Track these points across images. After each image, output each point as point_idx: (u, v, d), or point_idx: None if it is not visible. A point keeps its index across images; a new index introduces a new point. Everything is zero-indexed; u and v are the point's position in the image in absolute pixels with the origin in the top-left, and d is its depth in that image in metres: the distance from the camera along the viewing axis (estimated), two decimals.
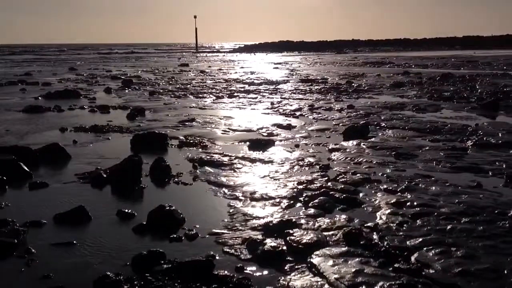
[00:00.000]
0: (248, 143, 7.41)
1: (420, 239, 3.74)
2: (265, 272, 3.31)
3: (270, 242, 3.69)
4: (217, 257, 3.50)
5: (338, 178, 5.46)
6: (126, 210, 4.42)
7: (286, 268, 3.36)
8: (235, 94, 14.51)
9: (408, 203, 4.56)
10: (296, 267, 3.37)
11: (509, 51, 48.57)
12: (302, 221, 4.17)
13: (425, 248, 3.58)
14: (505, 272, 3.21)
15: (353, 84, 16.97)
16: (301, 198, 4.80)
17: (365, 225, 4.07)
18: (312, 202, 4.65)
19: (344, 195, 4.82)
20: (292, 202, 4.71)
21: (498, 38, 71.36)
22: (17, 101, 13.22)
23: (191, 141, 7.64)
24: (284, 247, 3.64)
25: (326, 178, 5.47)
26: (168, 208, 4.20)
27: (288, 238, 3.77)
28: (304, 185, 5.20)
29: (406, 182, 5.22)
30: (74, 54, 67.32)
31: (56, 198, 4.91)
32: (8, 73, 25.56)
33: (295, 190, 5.05)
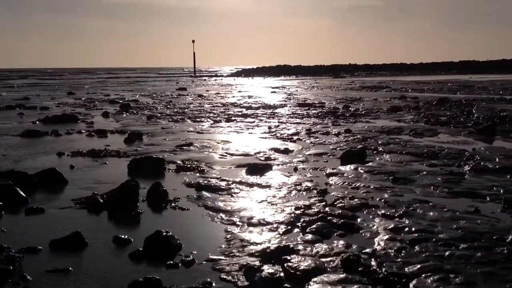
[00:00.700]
0: (245, 167, 7.41)
1: (419, 266, 3.71)
2: None
3: (267, 269, 3.66)
4: (214, 284, 3.48)
5: (335, 203, 5.45)
6: (123, 236, 4.39)
7: None
8: (233, 118, 14.55)
9: (406, 229, 4.54)
10: None
11: (505, 76, 48.90)
12: (300, 247, 4.14)
13: (423, 275, 3.55)
14: None
15: (350, 108, 17.04)
16: (299, 224, 4.78)
17: (363, 251, 4.05)
18: (309, 228, 4.63)
19: (342, 221, 4.80)
20: (289, 227, 4.69)
21: (494, 63, 71.95)
22: (14, 126, 13.23)
23: (189, 166, 7.63)
24: (282, 274, 3.61)
25: (324, 203, 5.45)
26: (165, 234, 4.17)
27: (285, 264, 3.74)
28: (301, 210, 5.18)
29: (404, 207, 5.21)
30: (73, 78, 67.57)
31: (52, 224, 4.88)
32: (6, 97, 25.62)
33: (293, 215, 5.03)
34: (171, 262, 3.86)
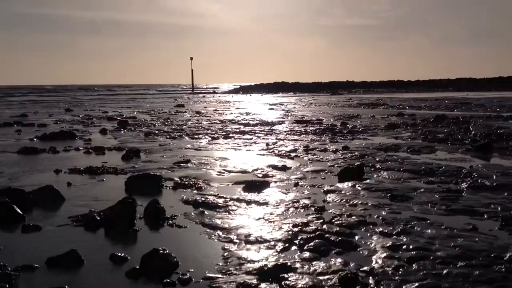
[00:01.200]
0: (243, 184, 7.40)
1: (417, 284, 3.70)
2: None
3: (264, 287, 3.64)
4: None
5: (333, 220, 5.44)
6: (119, 254, 4.37)
7: None
8: (231, 135, 14.56)
9: (404, 247, 4.53)
10: None
11: (502, 93, 49.16)
12: (297, 265, 4.13)
13: None
14: None
15: (347, 125, 17.09)
16: (296, 241, 4.77)
17: (361, 269, 4.03)
18: (307, 245, 4.61)
19: (339, 238, 4.79)
20: (287, 245, 4.68)
21: (491, 80, 72.33)
22: (12, 143, 13.22)
23: (186, 183, 7.62)
24: None
25: (322, 220, 5.44)
26: (161, 251, 4.16)
27: (283, 282, 3.73)
28: (299, 227, 5.17)
29: (402, 225, 5.20)
30: (71, 95, 67.70)
31: (49, 241, 4.86)
32: (4, 114, 25.64)
33: (290, 232, 5.02)
34: (168, 280, 3.84)
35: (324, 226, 5.18)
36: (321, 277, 3.87)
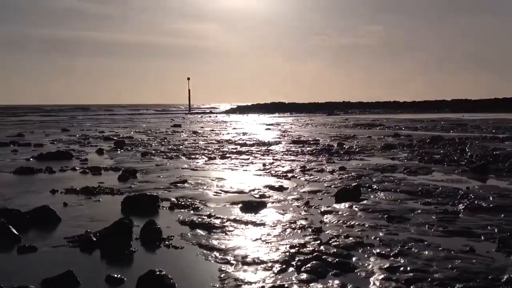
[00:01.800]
0: (240, 205, 7.39)
1: None
2: None
3: None
4: None
5: (330, 241, 5.43)
6: (115, 275, 4.34)
7: None
8: (227, 155, 14.57)
9: (402, 268, 4.52)
10: None
11: (497, 115, 49.40)
12: (295, 286, 4.11)
13: None
14: None
15: (344, 146, 17.12)
16: (294, 262, 4.75)
17: None
18: (304, 267, 4.60)
19: (337, 260, 4.77)
20: (284, 266, 4.66)
21: (486, 101, 72.73)
22: (8, 163, 13.18)
23: (183, 203, 7.61)
24: None
25: (319, 241, 5.43)
26: (158, 273, 4.13)
27: None
28: (296, 248, 5.15)
29: (399, 246, 5.19)
30: (68, 115, 67.76)
31: (45, 262, 4.84)
32: (0, 134, 25.61)
33: (287, 254, 5.00)
34: None
35: (322, 247, 5.16)
36: None
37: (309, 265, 4.62)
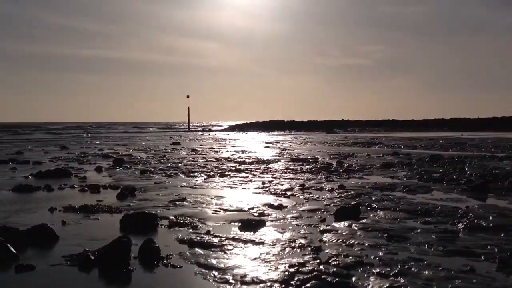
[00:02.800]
0: (239, 223, 7.37)
1: None
2: None
3: None
4: None
5: (330, 261, 5.40)
6: None
7: None
8: (226, 173, 14.55)
9: None
10: None
11: (496, 133, 49.50)
12: None
13: None
14: None
15: (343, 164, 17.11)
16: (293, 282, 4.72)
17: None
18: (304, 286, 4.57)
19: (336, 279, 4.75)
20: (283, 286, 4.63)
21: (485, 120, 72.90)
22: (6, 180, 13.15)
23: (182, 221, 7.58)
24: None
25: (318, 260, 5.40)
26: None
27: None
28: (295, 268, 5.13)
29: (399, 266, 5.17)
30: (67, 133, 67.83)
31: (43, 282, 4.81)
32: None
33: (287, 273, 4.97)
34: None
35: (321, 267, 5.14)
36: None
37: (308, 284, 4.60)
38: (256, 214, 8.20)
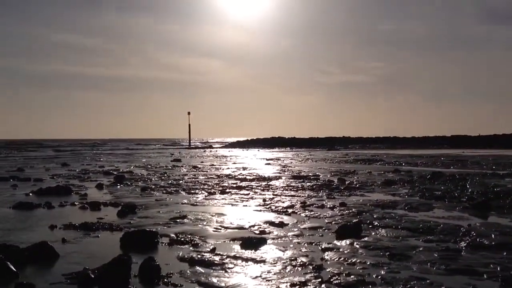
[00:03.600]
0: (240, 241, 7.34)
1: None
2: None
3: None
4: None
5: (331, 279, 5.36)
6: None
7: None
8: (227, 190, 14.53)
9: None
10: None
11: (497, 151, 49.50)
12: None
13: None
14: None
15: (344, 181, 17.07)
16: None
17: None
18: None
19: None
20: None
21: (486, 137, 72.88)
22: (7, 198, 13.13)
23: (182, 239, 7.55)
24: None
25: (320, 279, 5.37)
26: None
27: None
28: (297, 287, 5.10)
29: (401, 285, 5.13)
30: (68, 150, 67.89)
31: None
32: (0, 169, 25.59)
33: None
34: None
35: (323, 286, 5.11)
36: None
37: None
38: (257, 232, 8.17)
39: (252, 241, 7.26)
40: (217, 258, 6.34)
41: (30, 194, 13.90)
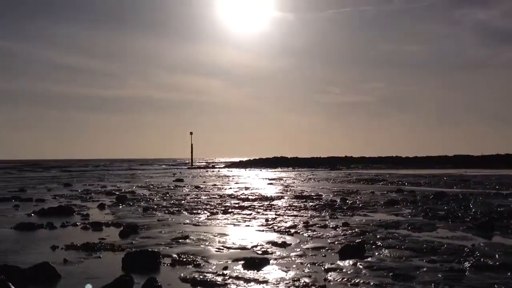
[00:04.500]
0: (242, 261, 7.29)
1: None
2: None
3: None
4: None
5: None
6: None
7: None
8: (230, 210, 14.48)
9: None
10: None
11: (499, 171, 49.36)
12: None
13: None
14: None
15: (347, 201, 17.02)
16: None
17: None
18: None
19: None
20: None
21: (488, 157, 72.76)
22: (9, 218, 13.09)
23: (184, 260, 7.51)
24: None
25: None
26: None
27: None
28: None
29: None
30: (70, 170, 67.93)
31: None
32: (2, 189, 25.59)
33: None
34: None
35: None
36: None
37: None
38: (259, 252, 8.13)
39: (255, 261, 7.21)
40: (219, 279, 6.30)
41: (32, 214, 13.87)
